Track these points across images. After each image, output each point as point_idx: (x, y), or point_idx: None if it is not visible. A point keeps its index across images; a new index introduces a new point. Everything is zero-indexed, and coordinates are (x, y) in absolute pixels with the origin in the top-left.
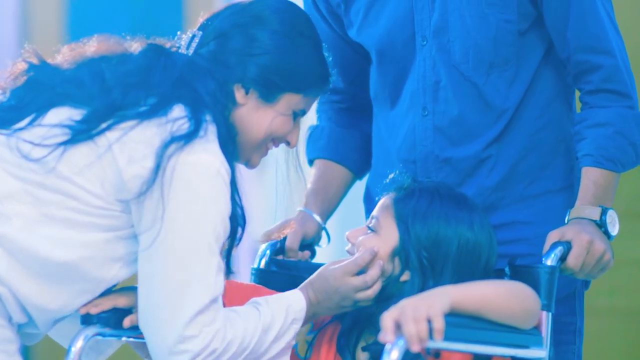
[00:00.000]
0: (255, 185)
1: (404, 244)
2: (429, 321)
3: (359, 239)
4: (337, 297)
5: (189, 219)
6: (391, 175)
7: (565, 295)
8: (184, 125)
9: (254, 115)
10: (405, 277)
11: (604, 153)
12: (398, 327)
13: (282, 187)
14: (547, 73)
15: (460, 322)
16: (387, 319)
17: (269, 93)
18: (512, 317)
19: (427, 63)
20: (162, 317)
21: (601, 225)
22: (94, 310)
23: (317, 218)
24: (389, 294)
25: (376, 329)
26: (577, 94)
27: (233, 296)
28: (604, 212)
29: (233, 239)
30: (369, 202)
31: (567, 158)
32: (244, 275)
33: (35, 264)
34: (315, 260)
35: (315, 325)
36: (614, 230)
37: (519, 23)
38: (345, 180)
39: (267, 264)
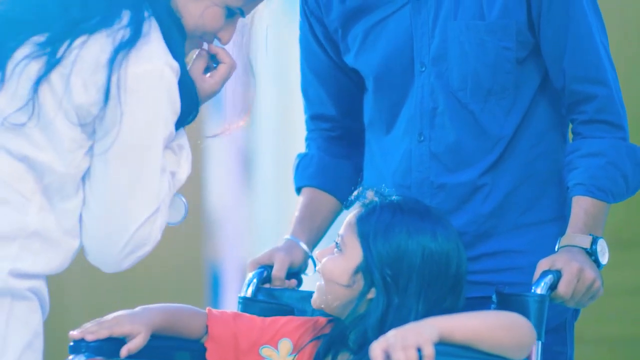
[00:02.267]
0: (243, 196)
1: (367, 262)
2: (419, 350)
3: (323, 260)
4: None
5: (140, 126)
6: (355, 192)
7: (556, 325)
8: (125, 33)
9: (189, 4)
10: (372, 295)
11: (596, 183)
12: (387, 357)
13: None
14: (544, 102)
15: (450, 351)
16: (376, 349)
17: None
18: (503, 350)
19: (425, 89)
20: (112, 222)
21: (591, 253)
22: (89, 337)
23: (304, 246)
24: (359, 313)
25: (350, 349)
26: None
27: (216, 331)
28: (594, 241)
29: (184, 122)
30: None
31: (561, 189)
32: (232, 302)
33: None
34: (302, 288)
35: (295, 347)
36: (603, 259)
37: (517, 51)
38: (333, 209)
39: (254, 292)
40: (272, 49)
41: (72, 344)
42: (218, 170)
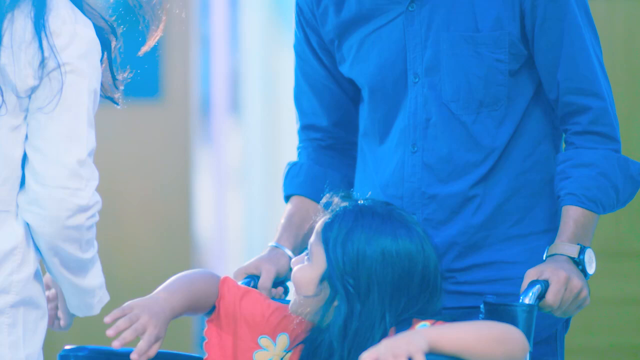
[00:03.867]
0: (232, 208)
1: (329, 269)
2: (410, 359)
3: (293, 269)
4: None
5: (76, 82)
6: (324, 200)
7: (547, 337)
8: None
9: None
10: (337, 303)
11: (587, 193)
12: None
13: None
14: (537, 114)
15: None
16: (367, 359)
17: None
18: None
19: (418, 100)
20: (48, 167)
21: (579, 263)
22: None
23: (290, 254)
24: (326, 322)
25: (321, 358)
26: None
27: (222, 311)
28: (582, 251)
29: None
30: None
31: (553, 200)
32: None
33: None
34: (289, 297)
35: (292, 344)
36: (590, 269)
37: (510, 63)
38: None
39: None
40: (261, 58)
41: (61, 353)
42: (207, 183)
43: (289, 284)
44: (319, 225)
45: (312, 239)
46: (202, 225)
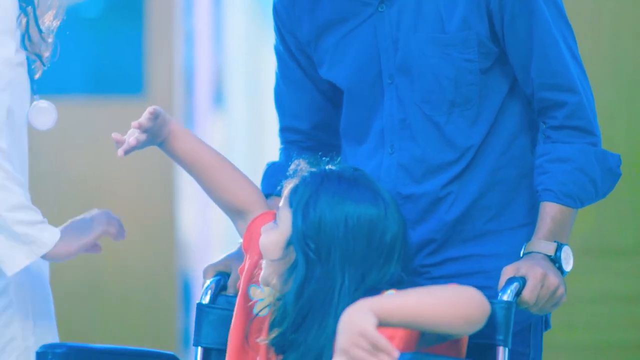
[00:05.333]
0: (215, 206)
1: (293, 233)
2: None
3: (261, 235)
4: None
5: None
6: (292, 166)
7: (521, 329)
8: None
9: None
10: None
11: (564, 189)
12: None
13: None
14: (513, 108)
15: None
16: None
17: None
18: (449, 327)
19: (393, 101)
20: None
21: (555, 260)
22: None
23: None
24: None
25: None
26: None
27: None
28: (559, 248)
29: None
30: None
31: (531, 194)
32: None
33: None
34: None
35: None
36: (567, 266)
37: (480, 62)
38: None
39: (211, 299)
40: (245, 55)
41: (39, 350)
42: (190, 181)
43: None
44: (287, 189)
45: (280, 203)
46: (186, 223)
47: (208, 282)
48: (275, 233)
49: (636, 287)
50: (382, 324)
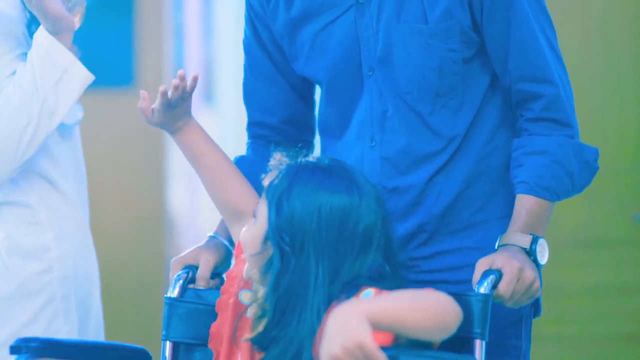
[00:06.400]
0: (204, 192)
1: (269, 227)
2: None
3: (242, 230)
4: None
5: None
6: (272, 161)
7: (513, 320)
8: None
9: None
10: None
11: (540, 181)
12: None
13: None
14: (495, 99)
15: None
16: None
17: None
18: (425, 335)
19: (374, 93)
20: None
21: (530, 253)
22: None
23: (228, 245)
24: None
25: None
26: None
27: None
28: (534, 241)
29: None
30: None
31: None
32: None
33: None
34: None
35: None
36: (542, 259)
37: (463, 51)
38: None
39: (180, 293)
40: (234, 47)
41: (13, 344)
42: (180, 167)
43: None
44: (265, 183)
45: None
46: (175, 211)
47: (176, 275)
48: (254, 227)
49: (627, 279)
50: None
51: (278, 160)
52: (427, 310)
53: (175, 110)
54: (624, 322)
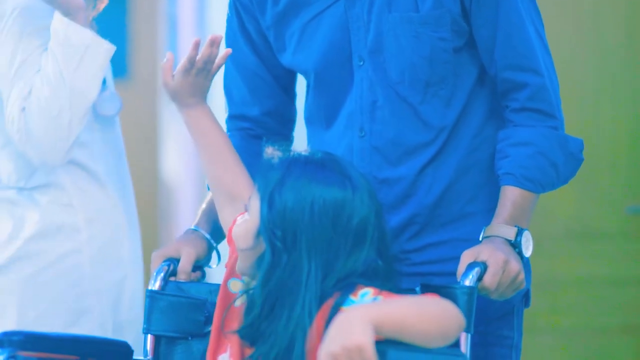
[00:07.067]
0: (198, 166)
1: (261, 222)
2: None
3: (234, 225)
4: None
5: None
6: (265, 155)
7: (505, 313)
8: None
9: None
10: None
11: (525, 173)
12: None
13: None
14: (484, 90)
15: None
16: None
17: None
18: (427, 342)
19: (364, 83)
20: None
21: (515, 245)
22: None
23: (209, 237)
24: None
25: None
26: None
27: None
28: (519, 233)
29: None
30: None
31: None
32: None
33: None
34: (206, 280)
35: None
36: (527, 251)
37: (453, 41)
38: None
39: (162, 286)
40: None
41: None
42: (173, 141)
43: (216, 268)
44: (256, 177)
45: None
46: (169, 184)
47: (157, 268)
48: (247, 222)
49: (619, 271)
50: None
51: (270, 154)
52: (433, 319)
53: (196, 79)
54: (616, 314)
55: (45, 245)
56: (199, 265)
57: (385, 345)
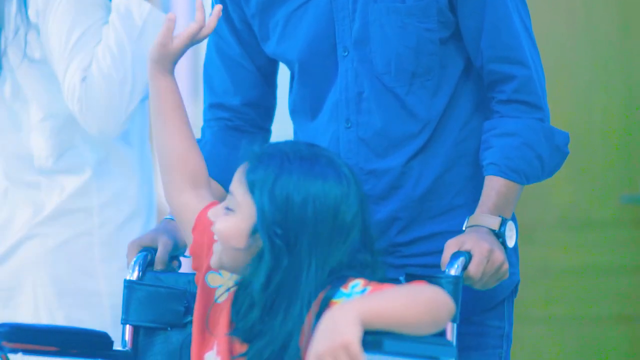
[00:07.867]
0: None
1: (259, 220)
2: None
3: (215, 224)
4: None
5: None
6: (243, 150)
7: (496, 304)
8: None
9: None
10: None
11: (509, 163)
12: None
13: None
14: (471, 82)
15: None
16: None
17: None
18: (419, 330)
19: (349, 74)
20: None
21: (499, 235)
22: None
23: None
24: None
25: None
26: None
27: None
28: (503, 223)
29: None
30: None
31: None
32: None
33: None
34: (182, 270)
35: None
36: (510, 242)
37: (439, 31)
38: (220, 197)
39: (140, 276)
40: None
41: None
42: None
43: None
44: (240, 173)
45: (233, 186)
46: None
47: (135, 258)
48: (236, 219)
49: (614, 260)
50: (364, 327)
51: (250, 150)
52: (422, 307)
53: (188, 45)
54: (611, 303)
55: (58, 227)
56: (175, 255)
57: (380, 335)
